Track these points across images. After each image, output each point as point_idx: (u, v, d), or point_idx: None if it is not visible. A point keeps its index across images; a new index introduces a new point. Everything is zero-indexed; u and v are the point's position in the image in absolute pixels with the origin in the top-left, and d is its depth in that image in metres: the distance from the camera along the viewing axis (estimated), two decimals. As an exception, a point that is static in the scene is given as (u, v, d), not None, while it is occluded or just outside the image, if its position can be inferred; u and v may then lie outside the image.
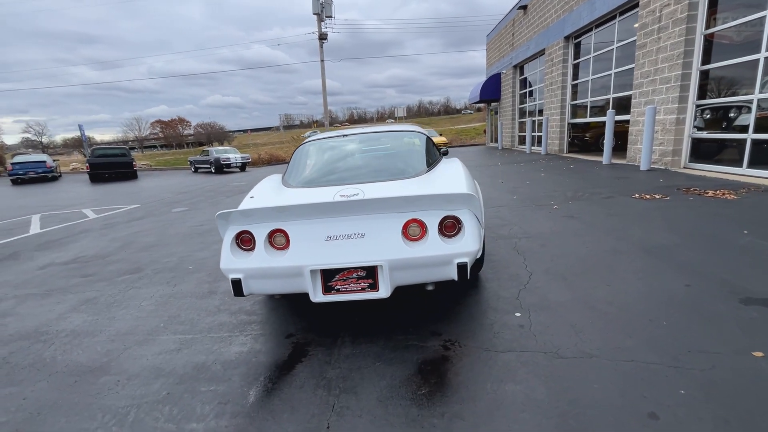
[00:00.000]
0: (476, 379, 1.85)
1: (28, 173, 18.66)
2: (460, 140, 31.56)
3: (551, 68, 12.91)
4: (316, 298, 2.05)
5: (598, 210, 4.92)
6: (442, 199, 2.01)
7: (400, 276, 2.03)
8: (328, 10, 23.16)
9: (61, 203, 10.29)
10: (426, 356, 2.07)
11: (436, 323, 2.41)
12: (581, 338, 2.12)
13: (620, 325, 2.22)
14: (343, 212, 2.05)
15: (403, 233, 2.05)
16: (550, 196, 6.00)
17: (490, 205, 5.70)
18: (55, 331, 2.72)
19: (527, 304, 2.56)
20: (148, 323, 2.72)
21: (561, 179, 7.63)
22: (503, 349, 2.08)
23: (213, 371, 2.08)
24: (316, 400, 1.78)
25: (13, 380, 2.14)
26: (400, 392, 1.80)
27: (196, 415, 1.74)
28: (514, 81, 17.21)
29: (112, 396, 1.93)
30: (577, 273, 3.00)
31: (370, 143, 3.27)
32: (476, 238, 2.03)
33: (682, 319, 2.23)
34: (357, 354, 2.14)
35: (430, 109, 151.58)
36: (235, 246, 2.13)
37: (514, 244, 3.83)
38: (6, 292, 3.63)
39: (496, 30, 19.30)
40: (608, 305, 2.46)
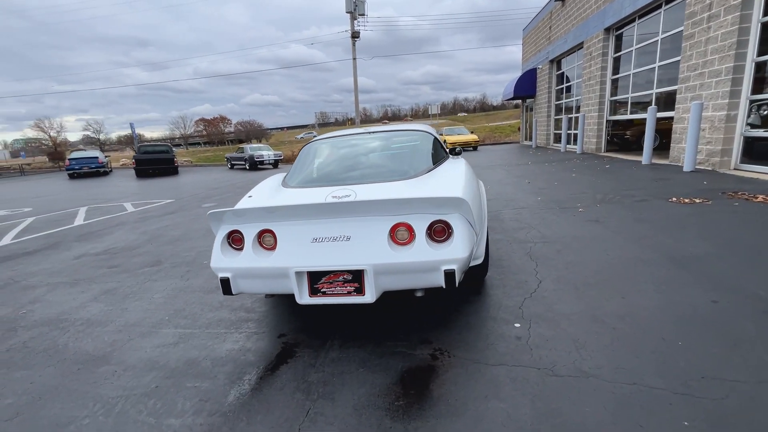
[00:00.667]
0: (459, 392, 1.76)
1: (82, 168, 20.20)
2: (494, 138, 30.73)
3: (589, 62, 12.23)
4: (301, 300, 2.03)
5: (627, 214, 4.58)
6: (431, 202, 1.92)
7: (386, 281, 1.97)
8: (361, 8, 23.22)
9: (107, 196, 11.03)
10: (411, 365, 2.00)
11: (429, 330, 2.33)
12: (581, 355, 1.97)
13: (628, 343, 2.04)
14: (329, 214, 2.02)
15: (390, 237, 1.99)
16: (578, 198, 5.68)
17: (510, 207, 5.47)
18: (73, 319, 2.90)
19: (530, 315, 2.41)
20: (155, 316, 2.83)
21: (593, 180, 7.21)
22: (494, 362, 1.96)
23: (202, 367, 2.12)
24: (293, 404, 1.77)
25: (27, 364, 2.30)
26: (377, 402, 1.74)
27: (176, 411, 1.77)
28: (550, 76, 16.48)
29: (106, 386, 2.02)
30: (591, 283, 2.80)
31: (373, 143, 3.21)
32: (466, 244, 1.93)
33: (701, 340, 2.01)
34: (343, 358, 2.11)
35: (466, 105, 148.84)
36: (226, 245, 2.15)
37: (529, 248, 3.64)
38: (41, 280, 3.92)
39: (532, 23, 18.56)
40: (619, 320, 2.27)
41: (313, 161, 3.05)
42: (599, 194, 5.87)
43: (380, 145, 3.17)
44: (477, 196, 2.49)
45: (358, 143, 3.23)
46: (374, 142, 3.22)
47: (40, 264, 4.50)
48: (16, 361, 2.34)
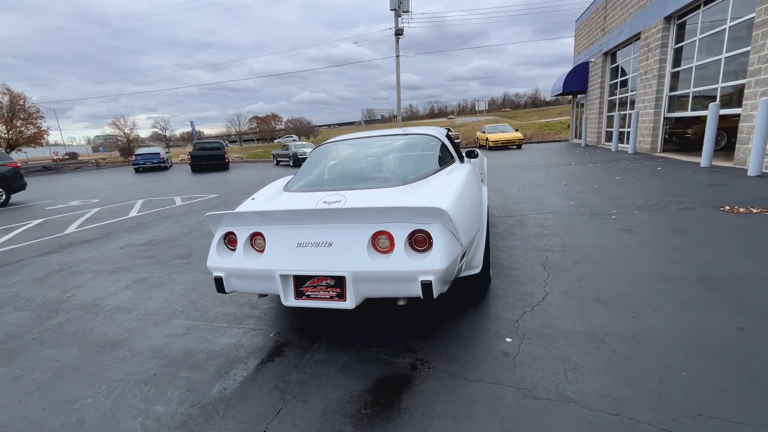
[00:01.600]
0: (428, 406, 1.74)
1: (146, 163, 22.12)
2: (542, 136, 29.29)
3: (647, 54, 11.24)
4: (286, 301, 2.10)
5: (666, 224, 4.19)
6: (411, 211, 1.90)
7: (366, 288, 1.98)
8: (405, 5, 23.11)
9: (162, 190, 12.00)
10: (389, 373, 2.00)
11: (416, 339, 2.30)
12: (568, 377, 1.85)
13: (625, 368, 1.88)
14: (312, 220, 2.06)
15: (372, 244, 2.00)
16: (615, 204, 5.28)
17: (538, 211, 5.22)
18: (105, 305, 3.21)
19: (525, 329, 2.31)
20: (172, 306, 3.06)
21: (637, 184, 6.65)
22: (473, 378, 1.91)
23: (197, 359, 2.26)
24: (268, 402, 1.84)
25: (58, 344, 2.59)
26: (346, 408, 1.77)
27: (164, 399, 1.92)
28: (603, 70, 15.37)
29: (114, 369, 2.23)
30: (602, 299, 2.61)
31: (377, 148, 3.21)
32: (445, 256, 1.88)
33: (711, 371, 1.81)
34: (326, 361, 2.15)
35: (516, 101, 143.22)
36: (222, 245, 2.28)
37: (545, 258, 3.46)
38: (89, 267, 4.37)
39: (586, 14, 17.40)
40: (622, 341, 2.11)
41: (316, 165, 3.12)
42: (640, 200, 5.41)
43: (383, 149, 3.16)
44: (471, 205, 2.41)
45: (363, 147, 3.25)
46: (378, 146, 3.22)
47: (91, 252, 5.01)
48: (50, 340, 2.64)
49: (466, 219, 2.18)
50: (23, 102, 34.36)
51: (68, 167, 30.21)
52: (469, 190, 2.48)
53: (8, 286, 3.88)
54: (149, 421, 1.77)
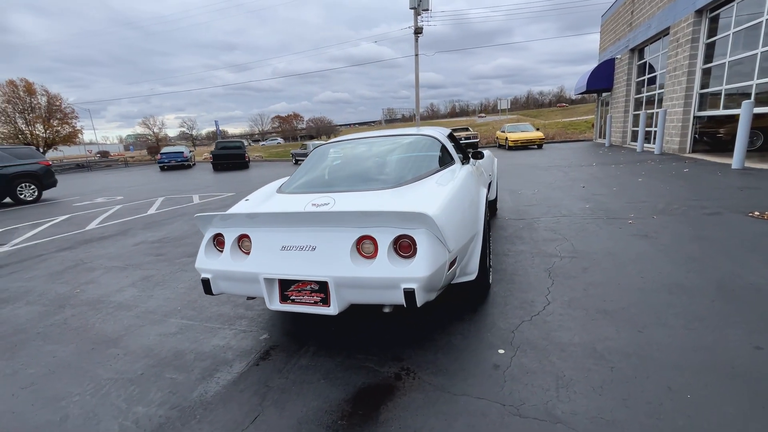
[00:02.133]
0: (407, 420, 1.66)
1: (170, 161, 22.82)
2: (566, 135, 28.46)
3: (676, 50, 10.70)
4: (271, 305, 2.07)
5: (686, 230, 3.94)
6: (395, 216, 1.83)
7: (349, 294, 1.93)
8: (425, 3, 22.91)
9: (182, 188, 12.33)
10: (372, 382, 1.94)
11: (405, 347, 2.23)
12: (559, 395, 1.74)
13: (622, 388, 1.75)
14: (297, 223, 2.02)
15: (357, 249, 1.94)
16: (634, 208, 5.02)
17: (550, 215, 5.03)
18: (109, 301, 3.28)
19: (520, 341, 2.19)
20: (171, 305, 3.09)
21: (660, 186, 6.32)
22: (458, 391, 1.82)
23: (185, 360, 2.27)
24: (246, 408, 1.81)
25: (59, 339, 2.66)
26: (322, 418, 1.72)
27: (146, 400, 1.92)
28: (630, 67, 14.75)
29: (105, 367, 2.26)
30: (608, 310, 2.46)
31: (374, 149, 3.14)
32: (429, 263, 1.80)
33: (719, 395, 1.66)
34: (311, 366, 2.11)
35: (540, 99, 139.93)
36: (211, 247, 2.27)
37: (552, 264, 3.31)
38: (102, 263, 4.50)
39: (612, 9, 16.74)
40: (623, 358, 1.97)
41: (312, 166, 3.08)
42: (662, 203, 5.13)
43: (380, 151, 3.09)
44: (465, 210, 2.31)
45: (360, 148, 3.19)
46: (376, 147, 3.16)
47: (107, 248, 5.17)
48: (52, 336, 2.72)
49: (456, 224, 2.09)
50: (59, 103, 36.13)
51: (99, 165, 31.56)
52: (463, 194, 2.38)
53: (25, 280, 4.04)
54: (128, 422, 1.78)
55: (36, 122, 35.09)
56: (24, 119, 34.53)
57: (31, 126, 34.87)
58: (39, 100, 35.10)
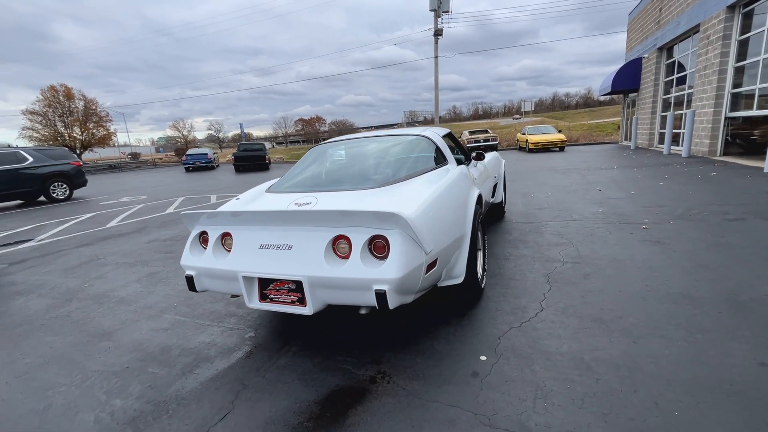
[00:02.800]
0: (373, 425, 1.62)
1: (195, 163, 23.56)
2: (591, 137, 27.58)
3: (706, 47, 10.17)
4: (250, 303, 2.08)
5: (704, 236, 3.71)
6: (370, 216, 1.79)
7: (324, 294, 1.90)
8: (445, 5, 22.79)
9: (203, 189, 12.69)
10: (346, 384, 1.91)
11: (385, 350, 2.19)
12: (536, 406, 1.65)
13: (606, 402, 1.65)
14: (275, 222, 2.02)
15: (332, 249, 1.92)
16: (650, 212, 4.78)
17: (560, 218, 4.86)
18: (113, 296, 3.39)
19: (506, 348, 2.11)
20: (168, 301, 3.16)
21: (682, 190, 6.00)
22: (430, 398, 1.77)
23: (170, 355, 2.30)
24: (218, 404, 1.82)
25: (60, 331, 2.76)
26: (289, 418, 1.70)
27: (125, 393, 1.96)
28: (657, 66, 14.14)
29: (95, 360, 2.32)
30: (604, 318, 2.34)
31: (366, 148, 3.11)
32: (402, 264, 1.75)
33: (711, 415, 1.54)
34: (289, 366, 2.10)
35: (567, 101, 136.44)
36: (196, 244, 2.31)
37: (552, 269, 3.19)
38: (114, 259, 4.67)
39: (640, 6, 16.12)
40: (611, 370, 1.86)
41: (304, 166, 3.09)
42: (681, 208, 4.86)
43: (373, 150, 3.06)
44: (449, 211, 2.25)
45: (354, 148, 3.17)
46: (369, 147, 3.13)
47: (121, 245, 5.37)
48: (54, 327, 2.83)
49: (438, 225, 2.03)
50: (95, 107, 38.06)
51: (129, 166, 32.95)
52: (449, 195, 2.32)
53: (42, 273, 4.24)
54: (104, 414, 1.81)
55: (74, 125, 37.07)
56: (63, 122, 36.55)
57: (69, 129, 36.87)
58: (77, 104, 37.09)
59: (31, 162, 10.92)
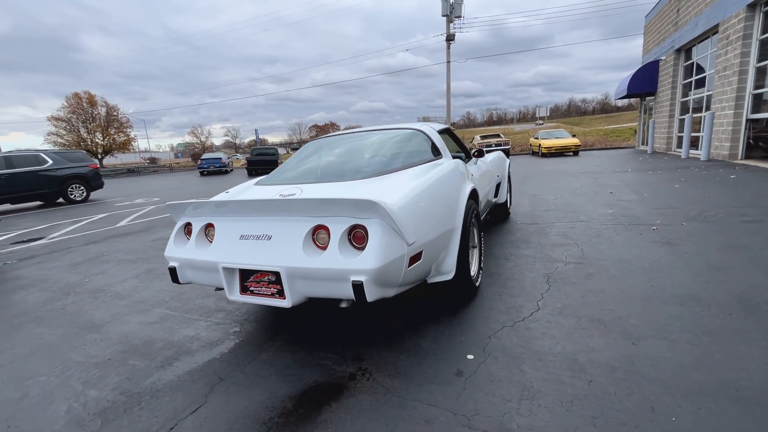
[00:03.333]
0: (345, 422, 1.54)
1: (210, 167, 24.00)
2: (607, 142, 27.02)
3: (725, 48, 9.84)
4: (231, 296, 2.03)
5: (718, 238, 3.52)
6: (348, 204, 1.73)
7: (303, 287, 1.84)
8: (457, 10, 22.78)
9: (214, 191, 12.86)
10: (323, 381, 1.83)
11: (369, 346, 2.10)
12: (520, 408, 1.55)
13: (597, 405, 1.53)
14: (255, 212, 1.98)
15: (312, 240, 1.86)
16: (661, 214, 4.58)
17: (566, 220, 4.70)
18: (109, 291, 3.41)
19: (495, 347, 2.00)
20: (161, 296, 3.15)
21: (698, 192, 5.75)
22: (410, 396, 1.67)
23: (153, 348, 2.27)
24: (191, 397, 1.77)
25: (52, 323, 2.77)
26: (261, 414, 1.63)
27: (102, 384, 1.93)
28: (675, 68, 13.77)
29: (80, 351, 2.31)
30: (603, 319, 2.21)
31: (358, 143, 3.05)
32: (380, 254, 1.68)
33: (713, 421, 1.41)
34: (269, 361, 2.04)
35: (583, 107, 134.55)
36: (181, 235, 2.28)
37: (553, 269, 3.05)
38: (117, 256, 4.72)
39: (656, 8, 15.77)
40: (606, 372, 1.73)
41: (296, 160, 3.05)
42: (696, 210, 4.64)
43: (365, 144, 3.00)
44: (437, 204, 2.16)
45: (348, 142, 3.12)
46: (361, 141, 3.07)
47: (127, 244, 5.43)
48: (47, 320, 2.84)
49: (422, 217, 1.96)
50: (116, 113, 39.32)
51: (147, 170, 33.81)
52: (438, 187, 2.23)
53: (47, 269, 4.31)
54: (77, 404, 1.78)
55: (96, 131, 38.37)
56: (86, 128, 37.87)
57: (92, 134, 38.16)
58: (99, 110, 38.41)
59: (51, 164, 11.25)
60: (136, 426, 1.61)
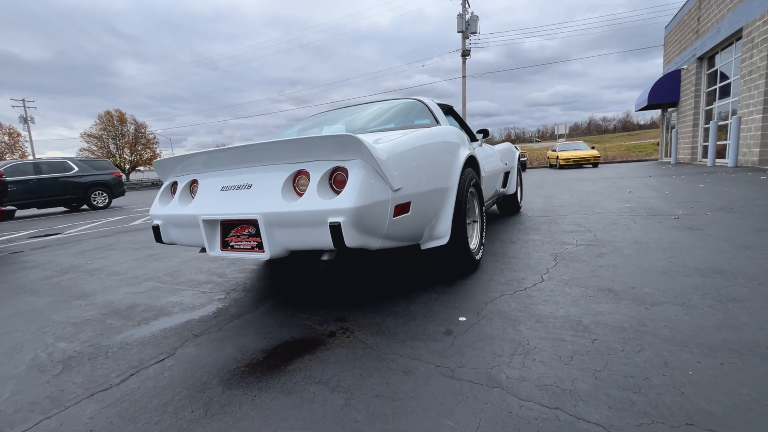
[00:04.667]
0: (315, 371, 1.40)
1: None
2: (628, 156, 26.37)
3: (750, 51, 9.50)
4: (212, 251, 1.94)
5: (746, 224, 3.24)
6: (330, 144, 1.63)
7: (281, 236, 1.73)
8: (472, 27, 23.09)
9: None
10: (300, 337, 1.70)
11: (356, 309, 1.96)
12: (512, 362, 1.37)
13: (600, 360, 1.34)
14: (238, 162, 1.91)
15: (293, 187, 1.76)
16: (684, 206, 4.30)
17: (581, 213, 4.47)
18: (107, 270, 3.38)
19: (491, 311, 1.83)
20: (155, 273, 3.10)
21: (725, 190, 5.41)
22: (390, 351, 1.52)
23: (134, 311, 2.19)
24: (159, 350, 1.66)
25: (43, 293, 2.74)
26: (228, 364, 1.51)
27: (74, 338, 1.85)
28: (698, 77, 13.39)
29: (62, 314, 2.25)
30: (614, 289, 2.00)
31: (356, 114, 2.98)
32: (360, 194, 1.56)
33: (735, 376, 1.20)
34: (249, 323, 1.92)
35: (603, 125, 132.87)
36: (167, 194, 2.23)
37: (562, 249, 2.85)
38: (124, 246, 4.75)
39: (676, 18, 15.53)
40: (614, 331, 1.54)
41: (294, 128, 3.01)
42: (721, 203, 4.34)
43: (365, 114, 2.93)
44: (432, 157, 2.04)
45: (349, 115, 3.06)
46: (362, 112, 3.00)
47: (136, 237, 5.48)
48: (40, 291, 2.81)
49: (411, 165, 1.84)
50: (144, 130, 41.13)
51: (171, 184, 34.87)
52: (430, 140, 2.10)
53: (54, 255, 4.35)
54: (44, 353, 1.70)
55: (124, 147, 40.13)
56: (115, 144, 39.67)
57: (120, 150, 39.91)
58: (128, 128, 40.26)
59: (77, 171, 11.71)
60: (97, 372, 1.51)
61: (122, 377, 1.45)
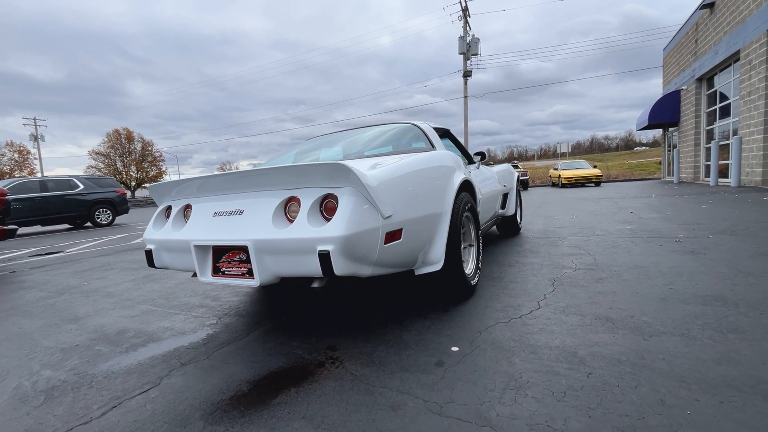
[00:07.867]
0: (300, 405, 1.36)
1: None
2: (630, 175, 26.36)
3: (749, 73, 9.60)
4: (203, 277, 1.92)
5: (748, 247, 3.19)
6: (320, 172, 1.64)
7: (272, 263, 1.72)
8: (474, 49, 23.57)
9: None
10: (288, 366, 1.66)
11: (346, 337, 1.93)
12: (503, 398, 1.33)
13: (595, 397, 1.30)
14: (229, 187, 1.91)
15: (284, 212, 1.76)
16: (686, 229, 4.26)
17: (581, 234, 4.43)
18: (103, 291, 3.37)
19: (484, 340, 1.79)
20: (151, 295, 3.08)
21: (728, 211, 5.36)
22: (379, 384, 1.48)
23: (124, 336, 2.16)
24: (145, 379, 1.63)
25: (36, 316, 2.72)
26: (212, 396, 1.47)
27: (60, 365, 1.82)
28: (697, 97, 13.50)
29: (52, 338, 2.22)
30: (612, 317, 1.96)
31: (351, 138, 3.01)
32: (350, 222, 1.55)
33: (734, 417, 1.15)
34: (238, 350, 1.89)
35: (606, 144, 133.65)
36: (161, 218, 2.23)
37: (561, 274, 2.81)
38: (123, 265, 4.75)
39: (674, 40, 15.79)
40: (610, 364, 1.49)
41: (296, 152, 3.03)
42: (723, 225, 4.29)
43: (360, 138, 2.95)
44: (425, 182, 2.04)
45: (343, 139, 3.08)
46: (357, 136, 3.03)
47: (134, 256, 5.48)
48: (33, 313, 2.80)
49: (402, 191, 1.83)
50: (151, 147, 41.81)
51: (175, 201, 35.16)
52: (423, 168, 2.11)
53: (53, 274, 4.35)
54: (27, 382, 1.67)
55: (131, 164, 40.72)
56: (122, 162, 40.28)
57: (127, 167, 40.49)
58: (135, 145, 40.95)
59: (82, 189, 11.83)
60: (79, 403, 1.47)
61: (103, 409, 1.42)
